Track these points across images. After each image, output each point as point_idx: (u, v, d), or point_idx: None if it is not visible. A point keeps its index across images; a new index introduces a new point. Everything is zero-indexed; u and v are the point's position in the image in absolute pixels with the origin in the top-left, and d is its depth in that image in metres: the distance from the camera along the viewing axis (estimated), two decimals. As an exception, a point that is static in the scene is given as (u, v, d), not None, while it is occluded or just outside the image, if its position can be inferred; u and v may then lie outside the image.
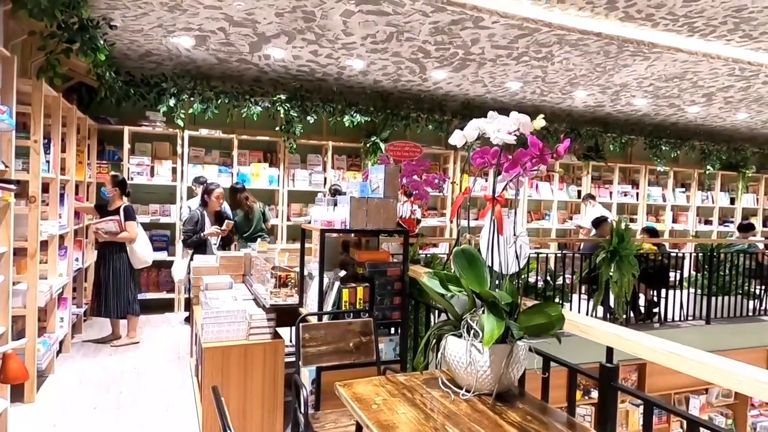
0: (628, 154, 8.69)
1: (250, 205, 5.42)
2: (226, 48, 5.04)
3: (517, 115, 1.64)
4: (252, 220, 5.38)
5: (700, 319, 5.69)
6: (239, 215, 5.30)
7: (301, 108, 6.18)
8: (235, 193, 5.41)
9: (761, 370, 1.08)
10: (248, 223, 5.36)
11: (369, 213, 2.47)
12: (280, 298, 2.89)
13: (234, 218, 5.20)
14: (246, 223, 5.35)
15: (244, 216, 5.34)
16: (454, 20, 4.19)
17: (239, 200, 5.37)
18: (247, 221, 5.35)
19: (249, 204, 5.41)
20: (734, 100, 6.65)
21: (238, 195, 5.39)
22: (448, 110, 7.06)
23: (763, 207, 9.61)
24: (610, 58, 5.04)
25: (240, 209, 5.34)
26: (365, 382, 1.70)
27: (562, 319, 1.49)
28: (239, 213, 5.31)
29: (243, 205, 5.36)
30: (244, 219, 5.33)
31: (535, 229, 8.00)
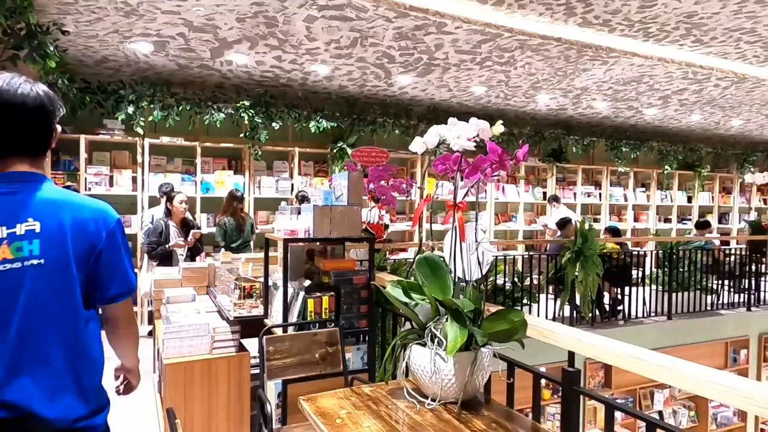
0: (591, 156, 8.91)
1: (243, 216, 5.34)
2: (186, 54, 4.92)
3: (477, 121, 1.64)
4: (243, 231, 5.29)
5: (662, 315, 5.86)
6: (231, 224, 5.20)
7: (266, 114, 6.09)
8: (233, 201, 5.29)
9: (716, 372, 1.11)
10: (239, 234, 5.25)
11: (333, 221, 2.44)
12: (244, 309, 2.83)
13: (225, 226, 5.10)
14: (237, 233, 5.24)
15: (236, 226, 5.23)
16: (417, 26, 4.21)
17: (235, 209, 5.27)
18: (238, 232, 5.25)
19: (242, 215, 5.33)
20: (688, 103, 6.90)
21: (235, 203, 5.28)
22: (414, 115, 7.09)
23: (718, 205, 10.00)
24: (570, 62, 5.15)
25: (234, 218, 5.23)
26: (329, 395, 1.67)
27: (525, 325, 1.49)
28: (231, 222, 5.20)
29: (237, 215, 5.26)
30: (235, 229, 5.23)
31: (503, 231, 8.10)
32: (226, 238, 5.10)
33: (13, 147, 1.23)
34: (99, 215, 1.27)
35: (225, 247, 5.03)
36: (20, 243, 1.17)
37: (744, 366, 6.47)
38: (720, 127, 8.51)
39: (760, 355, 6.57)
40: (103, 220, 1.28)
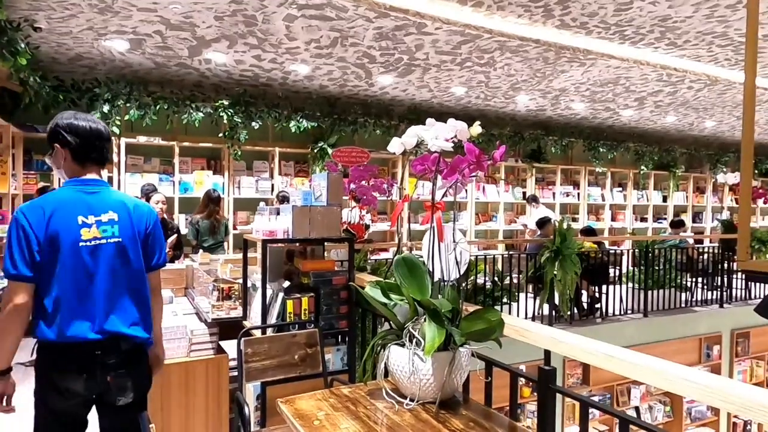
0: (569, 156, 9.03)
1: (219, 219, 5.28)
2: (163, 52, 4.85)
3: (454, 122, 1.65)
4: (216, 233, 5.24)
5: (639, 312, 5.97)
6: (204, 225, 5.14)
7: (246, 114, 6.04)
8: (210, 202, 5.23)
9: (687, 369, 1.13)
10: (212, 235, 5.20)
11: (312, 221, 2.43)
12: (223, 311, 2.79)
13: (197, 225, 5.04)
14: (209, 234, 5.19)
15: (209, 227, 5.17)
16: (397, 26, 4.21)
17: (212, 211, 5.20)
18: (212, 233, 5.19)
19: (218, 218, 5.28)
20: (663, 104, 7.04)
21: (211, 205, 5.22)
22: (395, 115, 7.10)
23: (692, 204, 10.24)
24: (548, 64, 5.21)
25: (209, 220, 5.17)
26: (308, 396, 1.66)
27: (502, 324, 1.51)
28: (205, 222, 5.14)
29: (213, 216, 5.21)
30: (208, 229, 5.17)
31: (483, 230, 8.16)
32: (198, 237, 5.05)
33: (93, 160, 1.87)
34: (147, 209, 1.99)
35: (196, 246, 4.97)
36: (105, 227, 1.82)
37: (717, 361, 6.64)
38: (694, 128, 8.71)
39: (732, 351, 6.75)
40: (149, 212, 1.97)
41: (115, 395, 1.81)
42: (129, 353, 1.84)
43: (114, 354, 1.79)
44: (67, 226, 1.74)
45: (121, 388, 1.81)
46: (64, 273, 1.73)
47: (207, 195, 5.26)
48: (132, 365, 1.85)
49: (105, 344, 1.77)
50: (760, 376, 7.35)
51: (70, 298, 1.73)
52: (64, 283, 1.72)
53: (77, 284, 1.75)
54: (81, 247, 1.75)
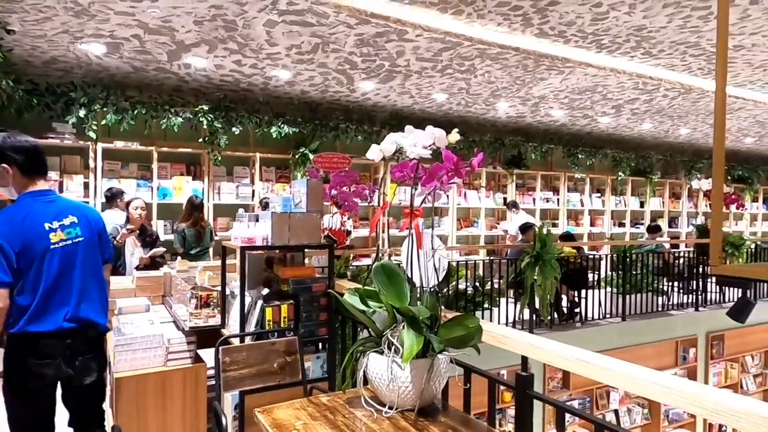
0: (549, 163, 9.15)
1: (203, 225, 5.20)
2: (141, 56, 4.78)
3: (433, 129, 1.66)
4: (202, 240, 5.16)
5: (617, 316, 6.06)
6: (191, 232, 5.07)
7: (226, 119, 5.99)
8: (193, 209, 5.14)
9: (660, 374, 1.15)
10: (198, 242, 5.13)
11: (292, 228, 2.41)
12: (201, 319, 2.75)
13: (183, 233, 4.96)
14: (196, 241, 5.11)
15: (195, 234, 5.10)
16: (378, 33, 4.23)
17: (196, 218, 5.12)
18: (197, 240, 5.11)
19: (203, 224, 5.20)
20: (640, 112, 7.19)
21: (195, 213, 5.14)
22: (377, 121, 7.12)
23: (668, 209, 10.45)
24: (528, 71, 5.28)
25: (194, 227, 5.09)
26: (286, 405, 1.64)
27: (480, 331, 1.51)
28: (191, 230, 5.07)
29: (198, 224, 5.13)
30: (194, 236, 5.10)
31: (465, 236, 8.21)
32: (185, 245, 4.98)
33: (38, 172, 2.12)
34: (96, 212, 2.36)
35: (184, 254, 4.90)
36: (69, 229, 2.11)
37: (693, 364, 6.76)
38: (669, 135, 8.91)
39: (708, 353, 6.89)
40: (98, 214, 2.34)
41: (82, 377, 2.12)
42: (94, 339, 2.18)
43: (82, 341, 2.12)
44: (37, 233, 2.03)
45: (86, 370, 2.13)
46: (38, 274, 2.02)
47: (190, 202, 5.19)
48: (96, 350, 2.19)
49: (76, 332, 2.09)
50: (735, 378, 7.51)
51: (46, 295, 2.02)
52: (39, 283, 2.01)
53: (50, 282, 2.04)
54: (52, 250, 2.05)
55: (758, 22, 3.96)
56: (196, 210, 5.13)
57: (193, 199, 5.22)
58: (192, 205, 5.14)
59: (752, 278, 4.40)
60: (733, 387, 7.52)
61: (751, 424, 0.93)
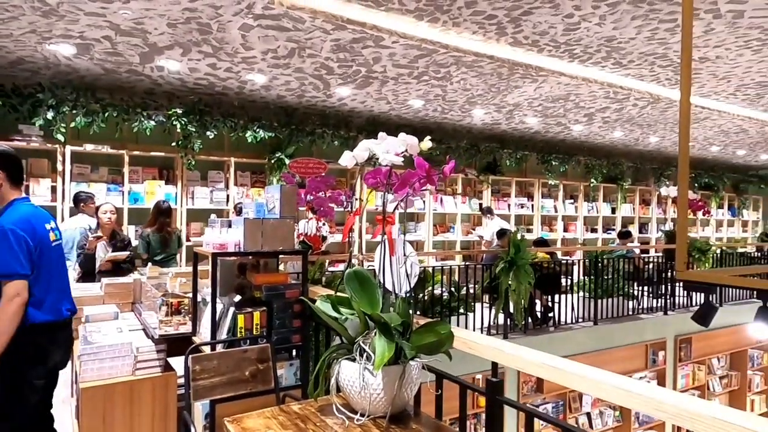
0: (523, 169, 9.29)
1: (170, 231, 5.03)
2: (113, 58, 4.69)
3: (405, 136, 1.67)
4: (168, 246, 4.99)
5: (589, 320, 6.16)
6: (156, 238, 4.89)
7: (200, 123, 5.90)
8: (159, 215, 4.96)
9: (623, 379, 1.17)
10: (164, 248, 4.95)
11: (265, 234, 2.39)
12: (171, 326, 2.70)
13: (148, 238, 4.81)
14: (161, 247, 4.93)
15: (160, 240, 4.92)
16: (355, 38, 4.24)
17: (162, 223, 4.94)
18: (162, 246, 4.94)
19: (169, 230, 5.02)
20: (611, 120, 7.36)
21: (161, 218, 4.95)
22: (353, 126, 7.12)
23: (639, 216, 10.71)
24: (502, 79, 5.36)
25: (159, 233, 4.92)
26: (256, 414, 1.62)
27: (452, 337, 1.52)
28: (156, 236, 4.90)
29: (164, 230, 4.95)
30: (159, 242, 4.92)
31: (441, 241, 8.26)
32: (149, 251, 4.83)
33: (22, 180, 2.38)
34: None
35: (147, 260, 4.77)
36: (56, 231, 2.43)
37: (662, 366, 6.93)
38: (639, 143, 9.14)
39: (676, 356, 7.06)
40: None
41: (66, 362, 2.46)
42: None
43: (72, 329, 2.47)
44: (44, 232, 2.33)
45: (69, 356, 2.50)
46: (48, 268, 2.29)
47: (157, 207, 5.04)
48: None
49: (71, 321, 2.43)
50: (702, 380, 7.72)
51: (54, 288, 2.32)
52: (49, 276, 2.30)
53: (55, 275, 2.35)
54: (52, 248, 2.35)
55: (721, 35, 4.11)
56: (162, 215, 4.96)
57: (160, 203, 5.06)
58: (159, 210, 4.98)
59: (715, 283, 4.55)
60: (701, 389, 7.73)
61: (708, 427, 0.95)
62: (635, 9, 3.65)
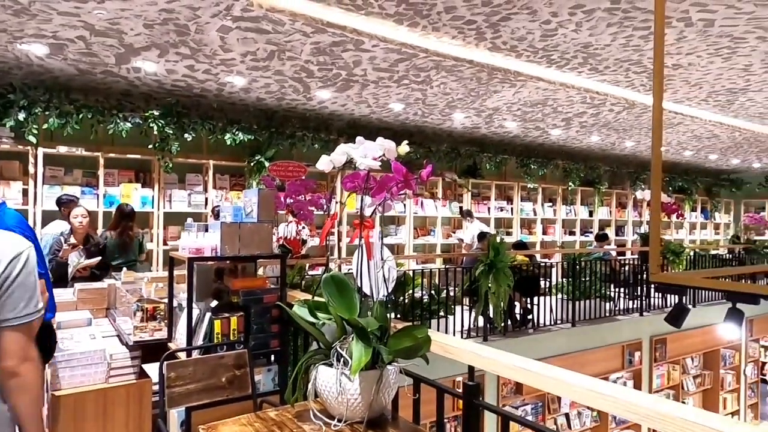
0: (503, 173, 9.38)
1: (131, 235, 4.88)
2: (87, 58, 4.60)
3: (383, 140, 1.67)
4: (127, 251, 4.84)
5: (568, 322, 6.24)
6: (113, 242, 4.74)
7: (178, 125, 5.82)
8: (122, 218, 4.82)
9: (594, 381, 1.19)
10: (122, 252, 4.80)
11: (242, 238, 2.36)
12: (146, 332, 2.65)
13: (106, 241, 4.68)
14: (119, 251, 4.78)
15: (118, 244, 4.77)
16: (335, 42, 4.23)
17: (124, 227, 4.80)
18: (120, 250, 4.79)
19: (131, 235, 4.87)
20: (588, 125, 7.49)
21: (123, 221, 4.81)
22: (334, 129, 7.10)
23: (615, 218, 10.91)
24: (482, 84, 5.41)
25: (119, 237, 4.78)
26: (232, 422, 1.60)
27: (429, 341, 1.52)
28: (114, 240, 4.75)
29: (125, 233, 4.81)
30: (117, 247, 4.76)
31: (422, 244, 8.28)
32: (107, 257, 4.69)
33: None
34: None
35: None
36: None
37: (638, 367, 7.05)
38: (615, 147, 9.31)
39: (652, 356, 7.20)
40: None
41: None
42: None
43: None
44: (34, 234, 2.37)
45: None
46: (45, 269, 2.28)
47: (119, 210, 4.88)
48: None
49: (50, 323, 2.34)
50: (677, 379, 7.88)
51: None
52: None
53: None
54: None
55: (693, 42, 4.22)
56: (125, 219, 4.83)
57: (123, 207, 4.93)
58: (122, 213, 4.84)
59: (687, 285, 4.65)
60: (675, 388, 7.90)
61: (676, 427, 0.97)
62: (610, 16, 3.72)
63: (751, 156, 10.32)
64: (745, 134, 8.00)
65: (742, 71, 4.94)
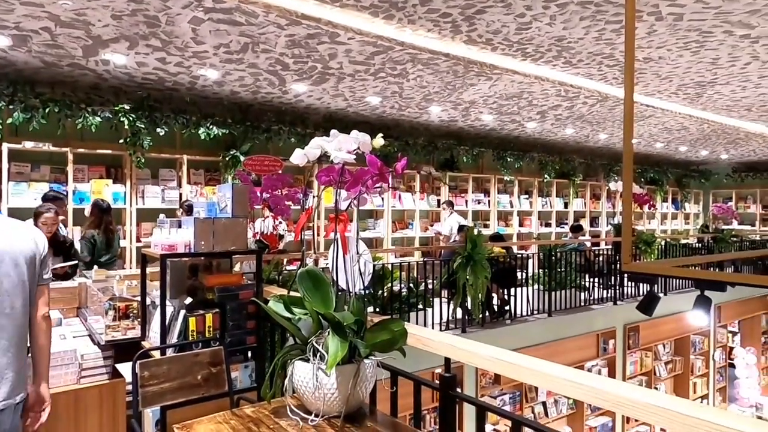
0: (480, 165, 9.45)
1: (114, 231, 4.85)
2: (53, 51, 4.45)
3: (357, 133, 1.66)
4: (112, 246, 4.81)
5: (544, 312, 6.34)
6: (101, 239, 4.70)
7: (150, 119, 5.69)
8: (102, 213, 4.76)
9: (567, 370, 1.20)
10: (109, 249, 4.77)
11: (216, 234, 2.32)
12: (119, 332, 2.59)
13: (93, 240, 4.61)
14: (106, 248, 4.75)
15: (105, 240, 4.73)
16: (310, 34, 4.18)
17: (107, 223, 4.76)
18: (107, 246, 4.75)
19: (113, 229, 4.84)
20: (562, 117, 7.58)
21: (106, 216, 4.77)
22: (310, 123, 7.04)
23: (590, 210, 11.10)
24: (458, 77, 5.42)
25: (104, 234, 4.72)
26: (207, 420, 1.57)
27: (405, 334, 1.53)
28: (101, 237, 4.70)
29: (108, 230, 4.77)
30: (105, 244, 4.73)
31: (400, 238, 8.30)
32: (94, 253, 4.62)
33: None
34: None
35: (91, 262, 4.55)
36: None
37: (612, 354, 7.21)
38: (589, 140, 9.47)
39: (625, 344, 7.37)
40: None
41: None
42: None
43: None
44: None
45: None
46: None
47: (97, 207, 4.80)
48: None
49: None
50: (649, 366, 8.09)
51: None
52: None
53: None
54: None
55: (663, 36, 4.30)
56: (105, 214, 4.78)
57: (99, 203, 4.85)
58: (100, 209, 4.77)
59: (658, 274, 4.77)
60: (648, 374, 8.11)
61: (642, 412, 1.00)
62: (583, 10, 3.76)
63: (719, 147, 10.62)
64: (713, 126, 8.21)
65: (710, 65, 5.06)
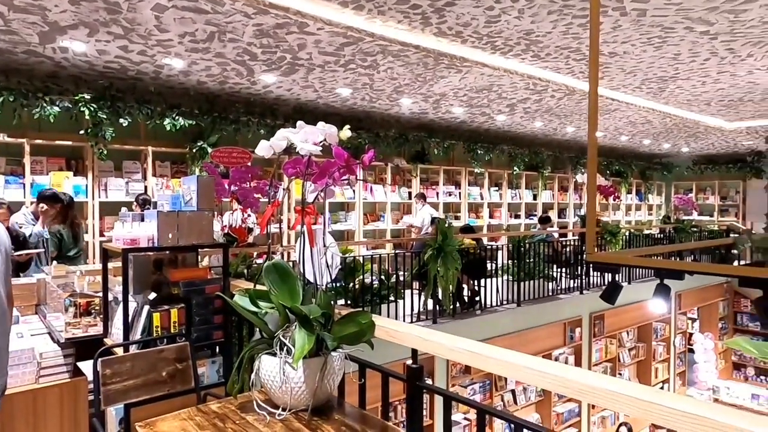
0: (451, 158, 9.51)
1: (78, 224, 4.75)
2: (7, 37, 4.25)
3: (323, 125, 1.64)
4: (79, 240, 4.71)
5: (513, 302, 6.45)
6: (69, 234, 4.60)
7: (112, 109, 5.50)
8: (68, 207, 4.64)
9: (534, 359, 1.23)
10: (75, 243, 4.67)
11: (181, 227, 2.27)
12: (80, 329, 2.51)
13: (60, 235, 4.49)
14: (73, 243, 4.64)
15: (72, 235, 4.62)
16: (278, 24, 4.11)
17: (73, 217, 4.66)
18: (74, 241, 4.65)
19: (78, 223, 4.75)
20: (531, 110, 7.69)
21: (71, 211, 4.66)
22: (280, 114, 6.94)
23: (558, 201, 11.33)
24: (428, 69, 5.42)
25: (69, 228, 4.61)
26: (171, 417, 1.54)
27: (373, 326, 1.52)
28: (68, 231, 4.60)
29: (74, 224, 4.66)
30: (72, 238, 4.62)
31: (372, 230, 8.30)
32: (61, 248, 4.50)
33: None
34: None
35: (58, 257, 4.43)
36: None
37: (579, 342, 7.41)
38: (557, 133, 9.63)
39: (591, 332, 7.58)
40: None
41: None
42: None
43: None
44: None
45: None
46: None
47: (60, 201, 4.69)
48: None
49: None
50: (613, 353, 8.35)
51: None
52: None
53: None
54: None
55: (628, 31, 4.39)
56: (70, 208, 4.66)
57: (61, 197, 4.72)
58: (64, 203, 4.66)
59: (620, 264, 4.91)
60: (612, 361, 8.37)
61: (602, 398, 1.03)
62: (550, 4, 3.81)
63: (680, 141, 10.96)
64: (675, 120, 8.47)
65: (672, 60, 5.20)
